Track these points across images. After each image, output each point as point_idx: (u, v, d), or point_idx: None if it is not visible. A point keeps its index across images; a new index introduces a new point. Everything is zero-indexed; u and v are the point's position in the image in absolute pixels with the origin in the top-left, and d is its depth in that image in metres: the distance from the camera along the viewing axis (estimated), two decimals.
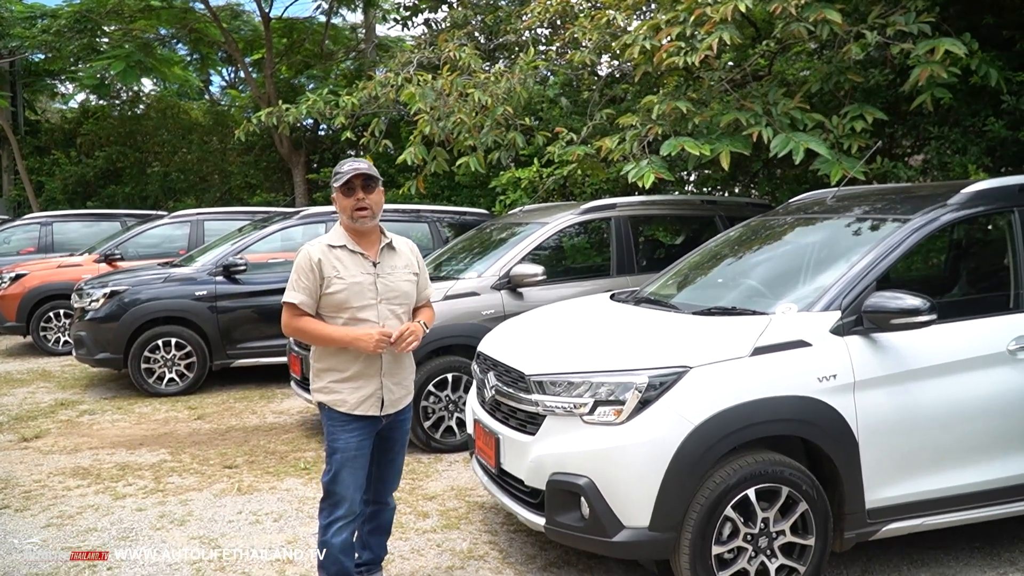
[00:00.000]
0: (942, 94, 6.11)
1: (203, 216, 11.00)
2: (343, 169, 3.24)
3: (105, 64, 15.98)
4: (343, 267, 3.23)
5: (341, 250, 3.26)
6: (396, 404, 3.37)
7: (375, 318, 3.24)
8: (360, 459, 3.28)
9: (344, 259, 3.25)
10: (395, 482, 3.58)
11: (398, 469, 3.57)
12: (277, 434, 6.39)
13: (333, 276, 3.20)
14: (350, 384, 3.25)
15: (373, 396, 3.27)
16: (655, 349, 3.42)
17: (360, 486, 3.31)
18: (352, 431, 3.26)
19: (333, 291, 3.20)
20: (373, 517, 3.55)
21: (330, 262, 3.22)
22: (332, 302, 3.22)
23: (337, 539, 3.27)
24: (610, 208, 6.66)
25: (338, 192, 3.26)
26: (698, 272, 4.60)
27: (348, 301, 3.20)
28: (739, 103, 6.95)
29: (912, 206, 3.87)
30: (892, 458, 3.41)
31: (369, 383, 3.27)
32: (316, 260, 3.21)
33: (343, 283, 3.20)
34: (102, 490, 5.06)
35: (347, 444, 3.25)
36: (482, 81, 8.62)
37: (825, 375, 3.31)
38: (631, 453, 3.18)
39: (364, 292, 3.23)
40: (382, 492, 3.54)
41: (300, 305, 3.21)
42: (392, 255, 3.38)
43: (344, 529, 3.29)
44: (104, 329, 7.68)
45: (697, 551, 3.18)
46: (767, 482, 3.25)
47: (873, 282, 3.48)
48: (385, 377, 3.30)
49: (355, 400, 3.25)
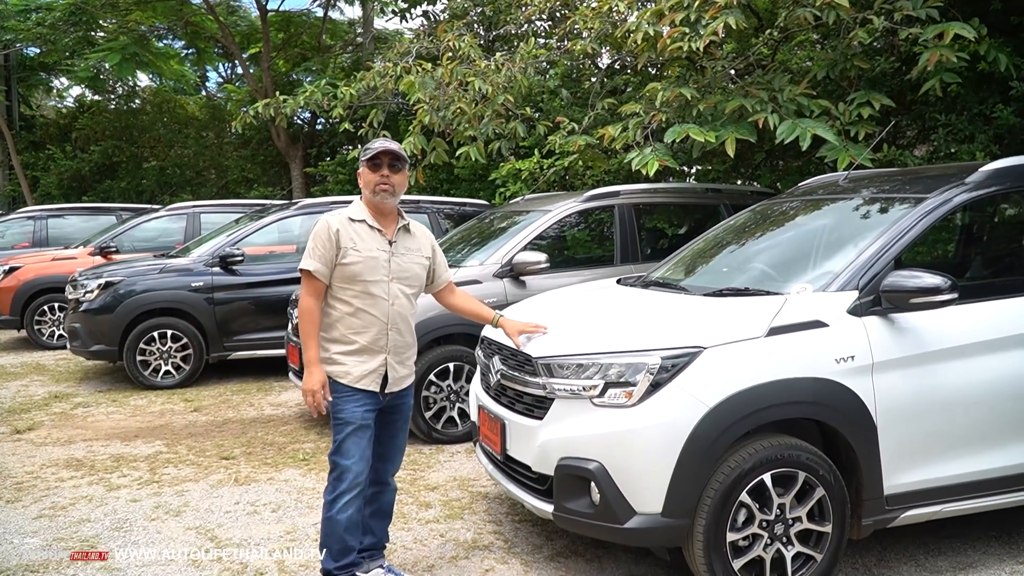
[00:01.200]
0: (951, 79, 6.01)
1: (199, 209, 10.86)
2: (373, 145, 3.30)
3: (100, 57, 15.80)
4: (360, 240, 3.24)
5: (360, 224, 3.28)
6: (399, 383, 3.36)
7: (385, 295, 3.25)
8: (365, 429, 3.25)
9: (362, 233, 3.27)
10: (397, 460, 3.52)
11: (400, 447, 3.51)
12: (275, 426, 6.27)
13: (350, 247, 3.21)
14: (355, 357, 3.25)
15: (376, 372, 3.26)
16: (667, 329, 3.31)
17: (365, 458, 3.25)
18: (357, 401, 3.24)
19: (348, 262, 3.21)
20: (374, 499, 3.47)
21: (348, 233, 3.24)
22: (346, 273, 3.21)
23: (343, 515, 3.21)
24: (613, 196, 6.55)
25: (364, 166, 3.29)
26: (707, 256, 4.49)
27: (361, 274, 3.21)
28: (744, 90, 6.84)
29: (928, 186, 3.76)
30: (911, 442, 3.30)
31: (374, 358, 3.26)
32: (335, 230, 3.22)
33: (359, 255, 3.22)
34: (96, 481, 4.94)
35: (352, 414, 3.23)
36: (482, 70, 8.50)
37: (843, 356, 3.20)
38: (643, 436, 3.07)
39: (378, 267, 3.24)
40: (383, 471, 3.47)
41: (315, 272, 3.20)
42: (408, 237, 3.41)
43: (350, 505, 3.22)
44: (99, 321, 7.56)
45: (711, 538, 3.07)
46: (783, 467, 3.14)
47: (891, 261, 3.38)
48: (391, 354, 3.29)
49: (358, 373, 3.24)
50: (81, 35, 16.43)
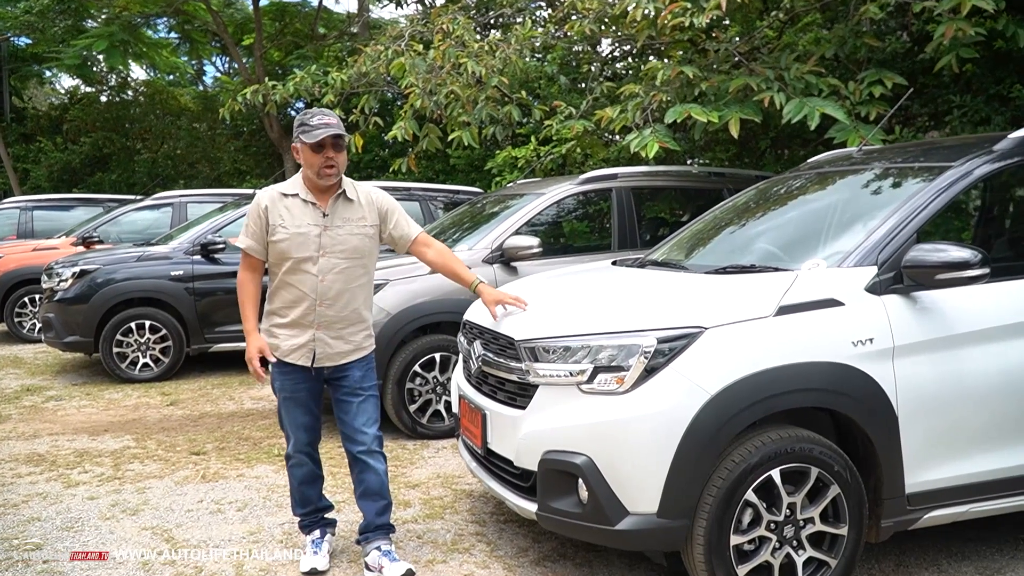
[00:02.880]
0: (968, 54, 5.67)
1: (186, 198, 10.50)
2: (313, 123, 3.12)
3: (87, 44, 15.44)
4: (289, 216, 3.16)
5: (293, 199, 3.19)
6: (334, 359, 3.25)
7: (315, 271, 3.15)
8: (294, 402, 3.28)
9: (293, 208, 3.18)
10: (360, 438, 3.29)
11: (355, 425, 3.30)
12: (254, 420, 5.95)
13: (278, 224, 3.15)
14: (286, 331, 3.21)
15: (305, 347, 3.20)
16: (664, 308, 2.97)
17: (302, 426, 3.30)
18: (287, 374, 3.26)
19: (276, 239, 3.15)
20: (360, 479, 3.35)
21: (277, 210, 3.17)
22: (275, 251, 3.17)
23: (297, 472, 3.37)
24: (611, 178, 6.21)
25: (305, 147, 3.14)
26: (709, 235, 4.15)
27: (289, 251, 3.14)
28: (748, 70, 6.51)
29: (950, 155, 3.42)
30: (936, 435, 2.96)
31: (303, 333, 3.20)
32: (264, 207, 3.18)
33: (286, 232, 3.14)
34: (55, 477, 4.61)
35: (283, 385, 3.28)
36: (476, 51, 8.16)
37: (860, 339, 2.87)
38: (637, 427, 2.73)
39: (307, 243, 3.14)
40: (349, 441, 3.34)
41: (247, 249, 3.21)
42: (346, 207, 3.24)
43: (297, 468, 3.36)
44: (73, 311, 7.23)
45: (713, 541, 2.74)
46: (793, 462, 2.81)
47: (914, 234, 3.04)
48: (320, 329, 3.20)
49: (287, 348, 3.22)
50: (71, 23, 16.09)
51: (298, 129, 3.15)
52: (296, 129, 3.16)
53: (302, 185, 3.21)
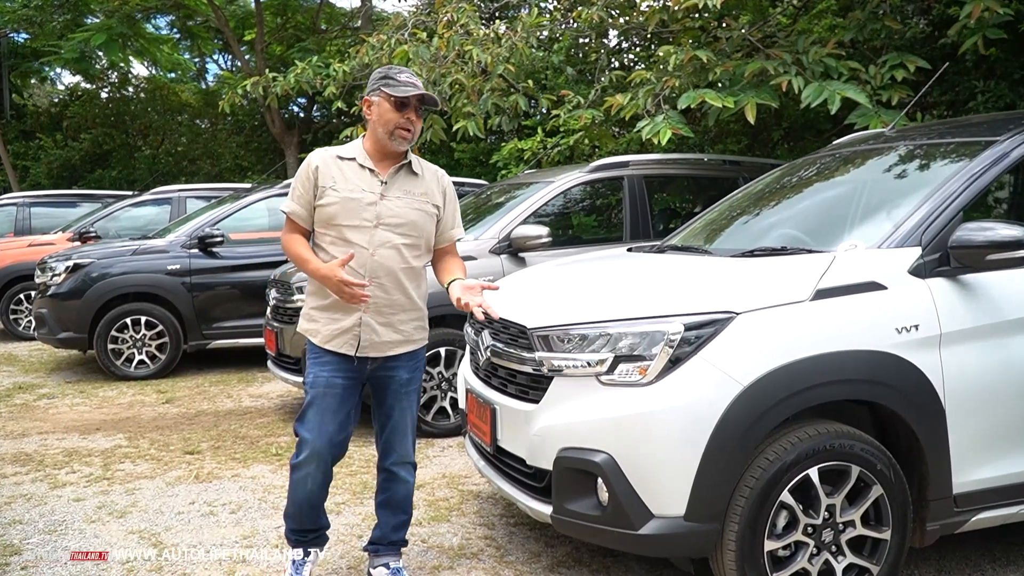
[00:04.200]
0: (995, 34, 5.42)
1: (185, 193, 10.28)
2: (400, 78, 2.78)
3: (85, 37, 15.20)
4: (343, 179, 2.80)
5: (349, 163, 2.84)
6: (381, 348, 2.84)
7: (366, 244, 2.76)
8: (329, 399, 2.81)
9: (348, 172, 2.82)
10: (399, 446, 2.97)
11: (397, 428, 2.95)
12: (251, 418, 5.72)
13: (328, 187, 2.78)
14: (327, 314, 2.83)
15: (349, 332, 2.80)
16: (690, 293, 2.73)
17: (327, 433, 2.80)
18: (324, 365, 2.83)
19: (324, 203, 2.78)
20: (383, 488, 3.03)
21: (329, 171, 2.81)
22: (323, 215, 2.80)
23: (302, 489, 2.84)
24: (623, 166, 5.97)
25: (385, 101, 2.77)
26: (731, 220, 3.90)
27: (337, 217, 2.77)
28: (765, 55, 6.27)
29: (994, 128, 3.18)
30: (986, 430, 2.73)
31: (347, 316, 2.80)
32: (314, 167, 2.81)
33: (336, 195, 2.77)
34: (41, 478, 4.39)
35: (316, 379, 2.83)
36: (481, 39, 7.92)
37: (904, 325, 2.63)
38: (662, 422, 2.50)
39: (359, 210, 2.77)
40: (385, 456, 2.99)
41: (290, 214, 2.84)
42: (410, 179, 2.88)
43: (307, 479, 2.82)
44: (67, 306, 7.01)
45: (745, 547, 2.50)
46: (833, 460, 2.57)
47: (960, 212, 2.80)
48: (367, 314, 2.79)
49: (327, 333, 2.82)
50: (69, 18, 15.86)
51: (380, 81, 2.79)
52: (377, 81, 2.81)
53: (362, 150, 2.85)
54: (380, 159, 2.84)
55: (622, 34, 9.67)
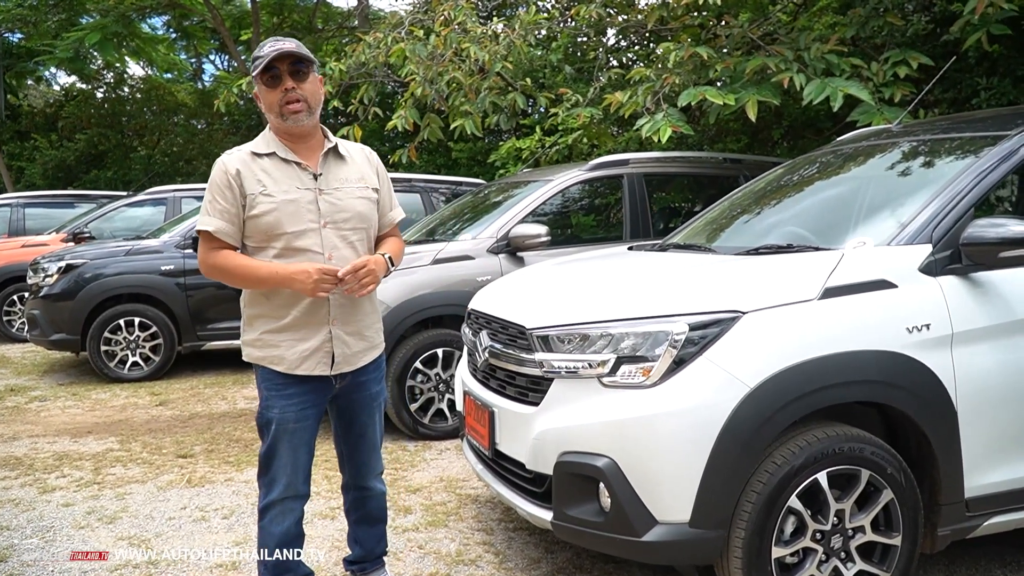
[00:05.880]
0: (999, 30, 5.35)
1: (180, 193, 10.17)
2: (262, 51, 2.42)
3: (80, 36, 15.09)
4: (271, 181, 2.44)
5: (269, 159, 2.47)
6: (353, 361, 2.57)
7: (318, 247, 2.46)
8: (301, 433, 2.52)
9: (273, 171, 2.46)
10: (373, 462, 2.76)
11: (372, 445, 2.74)
12: (246, 421, 5.63)
13: (258, 193, 2.42)
14: (289, 335, 2.48)
15: (320, 351, 2.50)
16: (695, 292, 2.65)
17: (302, 467, 2.55)
18: (291, 396, 2.50)
19: (259, 213, 2.42)
20: (356, 506, 2.81)
21: (253, 175, 2.43)
22: (259, 227, 2.43)
23: (276, 528, 2.56)
24: (622, 164, 5.89)
25: (259, 82, 2.44)
26: (734, 217, 3.83)
27: (280, 225, 2.42)
28: (765, 52, 6.20)
29: (1003, 123, 3.10)
30: (999, 433, 2.65)
31: (314, 334, 2.49)
32: (234, 172, 2.42)
33: (272, 201, 2.42)
34: (30, 482, 4.30)
35: (284, 414, 2.49)
36: (479, 37, 7.84)
37: (915, 325, 2.55)
38: (666, 425, 2.42)
39: (301, 213, 2.44)
40: (359, 475, 2.76)
41: (216, 234, 2.42)
42: (340, 165, 2.57)
43: (284, 517, 2.55)
44: (59, 307, 6.92)
45: (752, 554, 2.42)
46: (842, 463, 2.49)
47: (971, 208, 2.72)
48: (336, 325, 2.51)
49: (295, 357, 2.48)
50: (64, 18, 15.75)
51: (251, 67, 2.47)
52: (251, 68, 2.49)
53: (275, 140, 2.49)
54: (297, 145, 2.51)
55: (620, 32, 9.59)
